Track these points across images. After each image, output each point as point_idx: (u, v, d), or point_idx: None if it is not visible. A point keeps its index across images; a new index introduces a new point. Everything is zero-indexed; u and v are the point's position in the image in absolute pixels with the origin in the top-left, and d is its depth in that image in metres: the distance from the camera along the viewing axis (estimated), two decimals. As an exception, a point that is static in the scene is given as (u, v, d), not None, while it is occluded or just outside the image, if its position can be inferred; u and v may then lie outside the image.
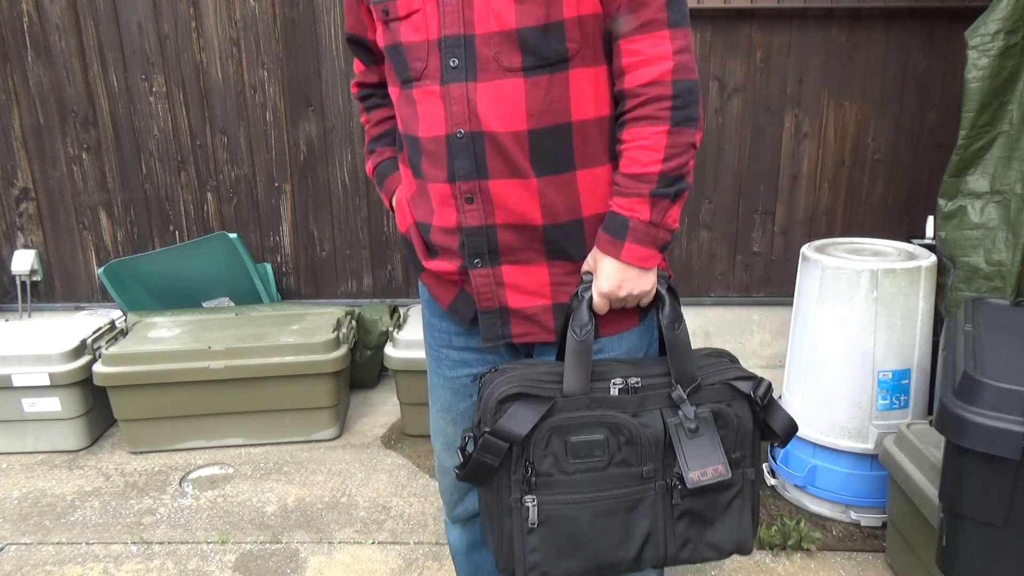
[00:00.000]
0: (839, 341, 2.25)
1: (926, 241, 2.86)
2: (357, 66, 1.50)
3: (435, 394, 1.48)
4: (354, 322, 3.12)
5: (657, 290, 1.27)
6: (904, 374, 2.24)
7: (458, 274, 1.31)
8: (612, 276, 1.22)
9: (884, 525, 2.26)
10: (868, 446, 2.25)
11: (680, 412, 1.21)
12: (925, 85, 3.17)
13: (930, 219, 2.91)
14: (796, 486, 2.42)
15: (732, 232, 3.38)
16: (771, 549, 2.23)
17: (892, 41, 3.13)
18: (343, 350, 2.84)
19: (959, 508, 1.47)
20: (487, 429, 1.18)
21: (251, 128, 3.27)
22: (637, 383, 1.22)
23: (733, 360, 1.31)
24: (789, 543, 2.21)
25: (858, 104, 3.21)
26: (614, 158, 1.25)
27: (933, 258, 2.26)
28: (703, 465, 1.20)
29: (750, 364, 3.53)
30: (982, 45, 2.33)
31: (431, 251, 1.35)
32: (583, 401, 1.20)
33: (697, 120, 1.20)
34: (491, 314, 1.31)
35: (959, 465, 1.46)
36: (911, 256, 2.29)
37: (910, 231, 3.23)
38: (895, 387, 2.24)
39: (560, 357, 1.27)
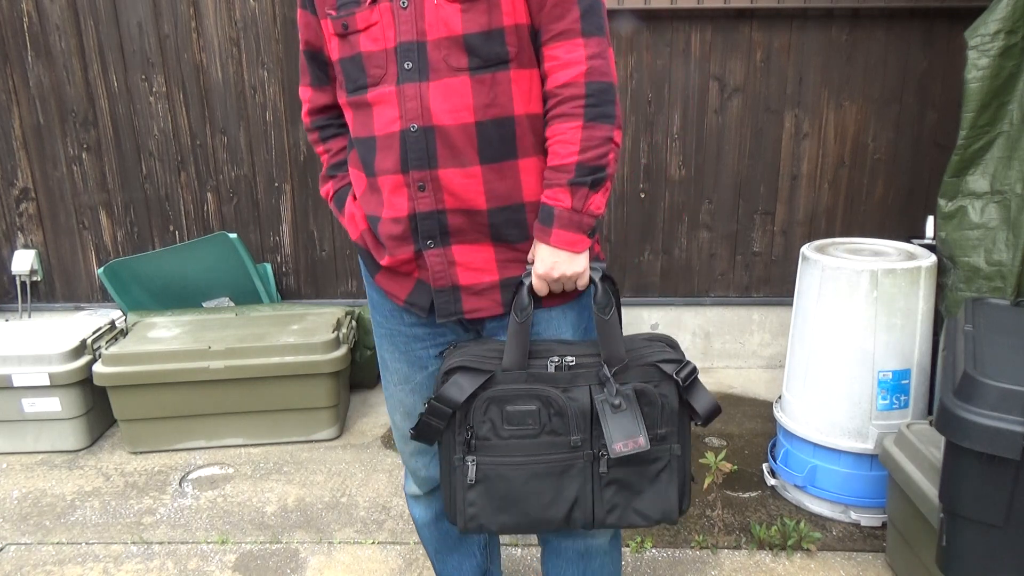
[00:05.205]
0: (839, 341, 2.25)
1: (926, 241, 2.86)
2: (305, 92, 1.53)
3: (390, 368, 1.57)
4: (354, 322, 3.12)
5: (591, 278, 1.37)
6: (904, 374, 2.24)
7: (414, 259, 1.41)
8: (546, 260, 1.34)
9: (884, 525, 2.26)
10: (868, 446, 2.25)
11: (605, 389, 1.33)
12: (925, 85, 3.18)
13: (930, 219, 2.91)
14: (796, 486, 2.42)
15: (732, 232, 3.39)
16: (771, 549, 2.23)
17: (892, 41, 3.13)
18: (343, 350, 2.84)
19: (959, 508, 1.47)
20: (431, 396, 1.35)
21: (251, 128, 3.27)
22: (571, 361, 1.35)
23: (672, 345, 1.41)
24: (789, 543, 2.21)
25: (858, 104, 3.21)
26: (545, 152, 1.37)
27: (933, 258, 2.26)
28: (625, 437, 1.31)
29: (750, 364, 3.53)
30: (982, 45, 2.33)
31: (383, 247, 1.44)
32: (520, 375, 1.34)
33: (613, 117, 1.32)
34: (444, 292, 1.41)
35: (959, 465, 1.46)
36: (911, 256, 2.29)
37: (910, 231, 3.23)
38: (895, 387, 2.24)
39: None
